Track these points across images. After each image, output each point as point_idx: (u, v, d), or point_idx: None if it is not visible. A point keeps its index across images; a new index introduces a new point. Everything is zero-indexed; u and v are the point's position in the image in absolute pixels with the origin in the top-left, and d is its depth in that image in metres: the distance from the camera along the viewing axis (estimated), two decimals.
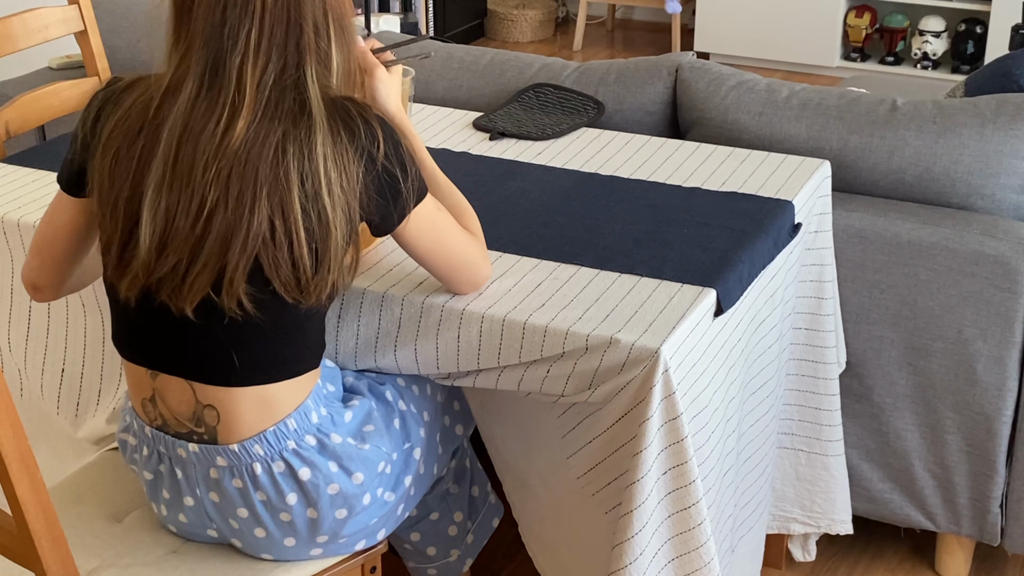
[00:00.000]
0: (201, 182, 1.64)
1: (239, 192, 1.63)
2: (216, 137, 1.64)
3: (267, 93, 1.64)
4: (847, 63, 5.81)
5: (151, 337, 1.78)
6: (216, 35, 1.64)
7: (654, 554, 1.84)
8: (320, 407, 1.81)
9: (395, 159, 1.69)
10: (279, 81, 1.65)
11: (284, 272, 1.66)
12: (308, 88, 1.65)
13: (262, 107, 1.64)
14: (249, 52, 1.63)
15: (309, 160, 1.63)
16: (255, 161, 1.62)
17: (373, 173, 1.67)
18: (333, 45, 1.68)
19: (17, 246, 2.24)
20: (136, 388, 1.83)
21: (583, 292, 1.92)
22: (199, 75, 1.66)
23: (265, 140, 1.63)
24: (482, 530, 2.27)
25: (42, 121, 2.72)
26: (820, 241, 2.32)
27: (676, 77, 2.67)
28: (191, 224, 1.65)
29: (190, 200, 1.65)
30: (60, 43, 3.20)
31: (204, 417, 1.78)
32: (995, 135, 2.39)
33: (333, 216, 1.64)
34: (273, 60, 1.64)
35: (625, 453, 1.82)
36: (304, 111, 1.64)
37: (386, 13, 5.64)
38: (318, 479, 1.79)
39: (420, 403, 2.00)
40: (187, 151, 1.65)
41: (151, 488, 1.89)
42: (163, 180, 1.66)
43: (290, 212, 1.63)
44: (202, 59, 1.65)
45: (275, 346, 1.75)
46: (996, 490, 2.45)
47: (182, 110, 1.66)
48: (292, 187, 1.63)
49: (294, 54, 1.65)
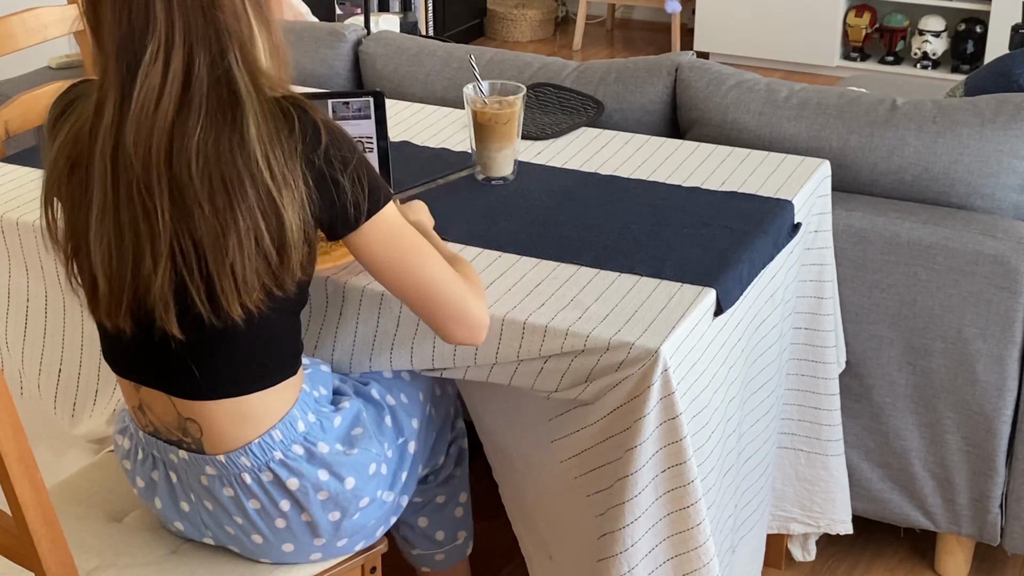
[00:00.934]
0: (145, 195, 1.58)
1: (210, 195, 1.57)
2: (149, 146, 1.57)
3: (200, 89, 1.57)
4: (847, 63, 5.81)
5: (128, 352, 1.77)
6: (125, 45, 1.56)
7: (649, 550, 1.84)
8: (308, 414, 1.80)
9: (332, 158, 1.62)
10: (210, 74, 1.57)
11: (262, 267, 1.61)
12: (236, 77, 1.58)
13: (199, 105, 1.57)
14: (160, 51, 1.55)
15: (246, 149, 1.57)
16: (212, 161, 1.57)
17: (313, 170, 1.61)
18: (254, 24, 1.61)
19: (15, 246, 2.24)
20: (127, 397, 1.84)
21: (583, 292, 1.92)
22: (117, 91, 1.58)
23: (212, 139, 1.57)
24: None
25: (41, 121, 2.70)
26: (820, 241, 2.32)
27: (676, 77, 2.67)
28: (151, 242, 1.60)
29: (139, 217, 1.60)
30: (60, 43, 3.20)
31: (188, 429, 1.77)
32: (995, 135, 2.39)
33: (282, 202, 1.58)
34: (196, 55, 1.56)
35: (615, 444, 1.82)
36: (237, 102, 1.58)
37: (386, 13, 5.64)
38: (307, 487, 1.79)
39: (411, 389, 1.99)
40: (122, 168, 1.59)
41: (144, 495, 1.89)
42: (104, 204, 1.61)
43: (249, 204, 1.57)
44: (118, 73, 1.58)
45: (239, 357, 1.71)
46: (996, 490, 2.45)
47: (108, 129, 1.59)
48: (243, 180, 1.57)
49: (216, 44, 1.57)
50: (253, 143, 1.57)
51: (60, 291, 2.25)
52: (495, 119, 2.18)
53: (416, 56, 2.90)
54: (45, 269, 2.24)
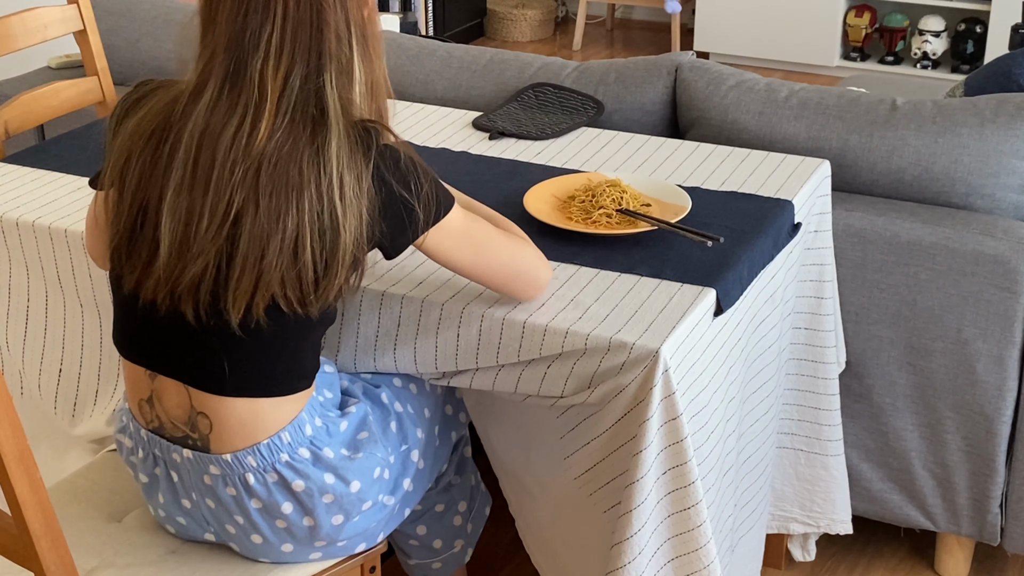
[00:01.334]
0: (225, 185, 1.64)
1: (270, 195, 1.63)
2: (239, 140, 1.64)
3: (291, 98, 1.65)
4: (847, 63, 5.81)
5: (152, 338, 1.77)
6: (237, 40, 1.65)
7: (653, 553, 1.84)
8: (315, 418, 1.81)
9: (405, 182, 1.68)
10: (302, 87, 1.65)
11: (289, 281, 1.65)
12: (327, 96, 1.65)
13: (286, 112, 1.65)
14: (270, 56, 1.64)
15: (324, 165, 1.63)
16: (282, 166, 1.63)
17: (383, 194, 1.67)
18: (355, 55, 1.68)
19: (15, 246, 2.24)
20: (134, 388, 1.83)
21: (583, 292, 1.91)
22: (221, 79, 1.66)
23: (286, 145, 1.63)
24: (478, 519, 2.27)
25: (41, 120, 2.72)
26: (820, 241, 2.32)
27: (676, 77, 2.67)
28: (216, 226, 1.65)
29: (214, 202, 1.65)
30: (59, 42, 3.20)
31: (198, 423, 1.78)
32: (995, 135, 2.39)
33: (344, 222, 1.64)
34: (295, 65, 1.65)
35: (624, 453, 1.82)
36: (323, 117, 1.65)
37: (385, 13, 5.64)
38: (312, 490, 1.79)
39: (418, 402, 2.00)
40: (207, 153, 1.65)
41: (147, 491, 1.89)
42: (182, 181, 1.66)
43: (304, 217, 1.63)
44: (224, 64, 1.66)
45: (268, 361, 1.74)
46: (996, 490, 2.44)
47: (203, 113, 1.66)
48: (307, 191, 1.63)
49: (315, 60, 1.65)
50: (332, 159, 1.63)
51: (60, 291, 2.25)
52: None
53: (416, 56, 2.90)
54: (45, 269, 2.24)
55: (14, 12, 2.70)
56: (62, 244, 2.19)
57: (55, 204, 2.25)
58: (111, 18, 3.20)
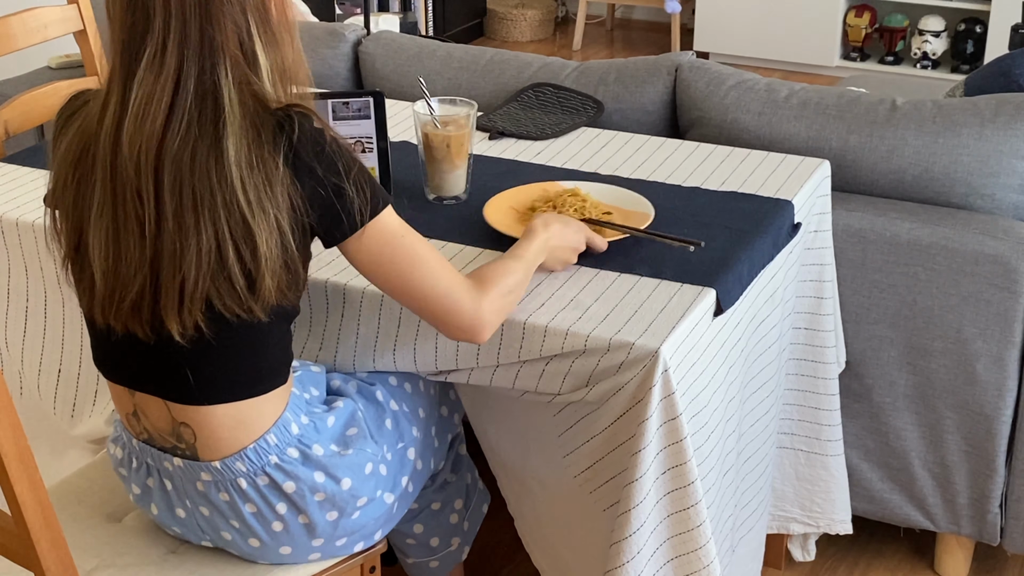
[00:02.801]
0: (136, 200, 1.61)
1: (176, 209, 1.59)
2: (139, 152, 1.59)
3: (186, 101, 1.59)
4: (847, 63, 5.81)
5: (122, 356, 1.77)
6: (127, 44, 1.60)
7: (652, 553, 1.84)
8: (300, 416, 1.80)
9: (331, 166, 1.62)
10: (198, 87, 1.59)
11: (223, 289, 1.62)
12: (223, 92, 1.59)
13: (183, 116, 1.59)
14: (155, 57, 1.58)
15: (225, 173, 1.58)
16: (185, 175, 1.58)
17: (307, 182, 1.61)
18: (258, 45, 1.62)
19: (15, 246, 2.24)
20: (119, 404, 1.83)
21: (583, 292, 1.91)
22: (119, 92, 1.61)
23: (188, 152, 1.58)
24: (475, 516, 2.27)
25: (41, 120, 2.72)
26: (820, 241, 2.32)
27: (676, 77, 2.67)
28: (139, 248, 1.62)
29: (130, 223, 1.62)
30: (59, 42, 3.19)
31: (182, 434, 1.77)
32: (995, 135, 2.39)
33: (256, 228, 1.58)
34: (185, 65, 1.58)
35: (623, 452, 1.82)
36: (220, 118, 1.59)
37: (385, 13, 5.64)
38: (303, 490, 1.79)
39: (413, 400, 2.00)
40: (120, 168, 1.61)
41: (140, 502, 1.89)
42: (103, 200, 1.63)
43: (219, 226, 1.59)
44: (120, 75, 1.61)
45: (231, 366, 1.72)
46: (996, 490, 2.44)
47: (110, 127, 1.62)
48: (216, 200, 1.58)
49: (208, 56, 1.58)
50: (231, 165, 1.58)
51: (60, 291, 2.25)
52: (448, 141, 2.12)
53: (416, 56, 2.90)
54: (45, 269, 2.24)
55: (14, 12, 2.70)
56: None
57: None
58: None
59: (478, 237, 2.05)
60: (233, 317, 1.65)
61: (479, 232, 2.07)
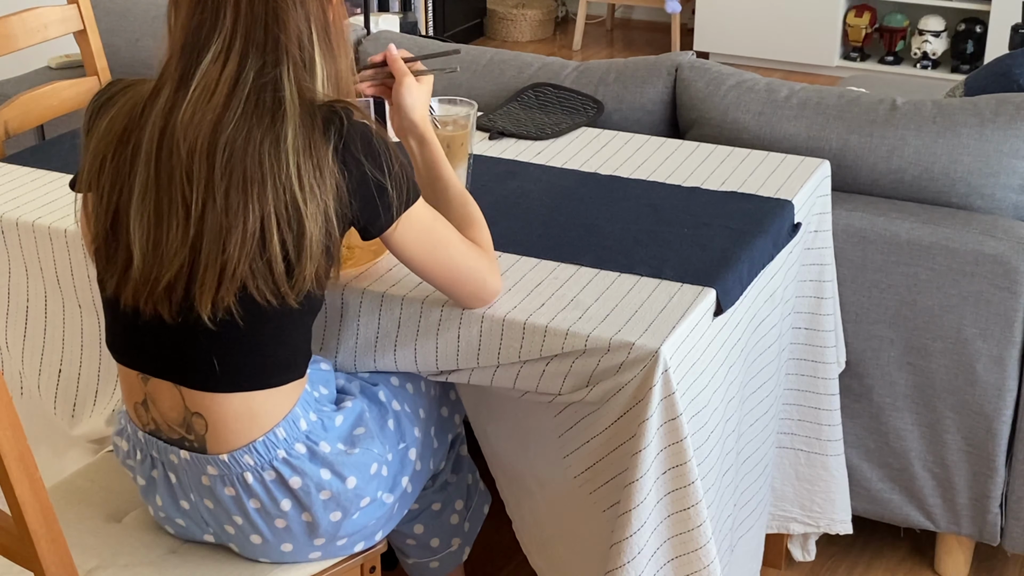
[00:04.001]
0: (184, 184, 1.65)
1: (226, 189, 1.63)
2: (193, 138, 1.65)
3: (243, 92, 1.65)
4: (847, 63, 5.81)
5: (140, 341, 1.77)
6: (191, 41, 1.67)
7: (652, 553, 1.84)
8: (309, 412, 1.81)
9: (376, 160, 1.68)
10: (256, 81, 1.66)
11: (259, 273, 1.66)
12: (284, 87, 1.66)
13: (239, 105, 1.65)
14: (220, 54, 1.66)
15: (279, 155, 1.63)
16: (237, 158, 1.63)
17: (353, 173, 1.67)
18: (317, 52, 1.69)
19: (15, 246, 2.24)
20: (129, 392, 1.84)
21: (583, 292, 1.92)
22: (176, 79, 1.68)
23: (243, 137, 1.64)
24: (476, 517, 2.27)
25: (41, 121, 2.72)
26: (820, 241, 2.32)
27: (675, 77, 2.67)
28: (182, 228, 1.66)
29: (176, 203, 1.66)
30: (59, 42, 3.20)
31: (193, 424, 1.78)
32: (995, 135, 2.39)
33: (305, 212, 1.64)
34: (247, 60, 1.66)
35: (623, 452, 1.82)
36: (279, 108, 1.65)
37: (385, 12, 5.64)
38: (309, 486, 1.79)
39: (415, 401, 2.00)
40: (166, 154, 1.66)
41: (145, 493, 1.89)
42: (146, 184, 1.68)
43: (267, 209, 1.63)
44: (179, 65, 1.68)
45: (257, 354, 1.74)
46: (996, 490, 2.45)
47: (160, 113, 1.68)
48: (266, 183, 1.63)
49: (272, 56, 1.66)
50: (288, 151, 1.64)
51: (60, 291, 2.25)
52: (448, 141, 2.12)
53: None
54: (45, 269, 2.24)
55: (14, 12, 2.70)
56: (62, 244, 2.19)
57: (55, 204, 2.25)
58: (111, 18, 3.20)
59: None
60: (264, 302, 1.68)
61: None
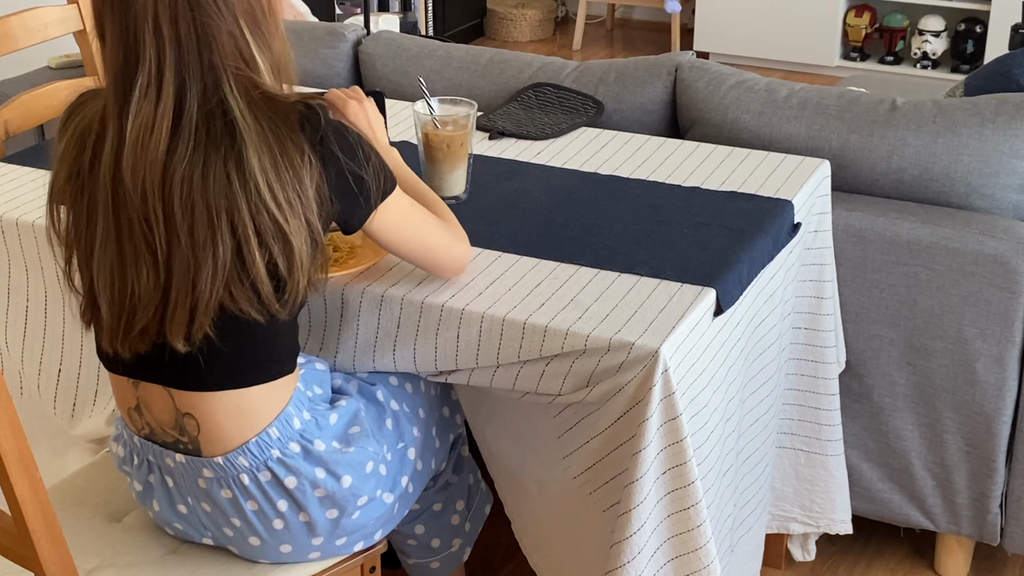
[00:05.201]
0: (144, 227, 1.61)
1: (190, 227, 1.59)
2: (143, 179, 1.59)
3: (192, 124, 1.58)
4: (847, 63, 5.81)
5: None
6: (121, 75, 1.59)
7: (652, 553, 1.84)
8: (303, 411, 1.81)
9: (352, 153, 1.66)
10: (202, 107, 1.59)
11: (242, 296, 1.64)
12: (233, 107, 1.59)
13: (191, 138, 1.58)
14: (150, 86, 1.57)
15: (245, 177, 1.58)
16: (198, 193, 1.58)
17: (332, 170, 1.65)
18: (254, 47, 1.62)
19: (15, 246, 2.24)
20: (121, 398, 1.83)
21: (583, 292, 1.91)
22: (116, 116, 1.60)
23: (199, 171, 1.58)
24: (477, 517, 2.27)
25: (41, 120, 2.72)
26: (820, 241, 2.32)
27: (675, 76, 2.67)
28: (152, 272, 1.63)
29: (141, 247, 1.62)
30: (60, 43, 3.20)
31: (185, 426, 1.77)
32: (995, 135, 2.39)
33: (288, 229, 1.60)
34: (188, 88, 1.58)
35: (623, 452, 1.82)
36: (234, 130, 1.58)
37: (385, 12, 5.64)
38: (304, 485, 1.79)
39: (414, 401, 2.00)
40: (120, 199, 1.61)
41: (141, 498, 1.89)
42: (107, 233, 1.64)
43: (243, 233, 1.59)
44: (114, 109, 1.60)
45: (245, 352, 1.73)
46: (996, 490, 2.45)
47: (109, 156, 1.62)
48: (240, 208, 1.59)
49: (210, 74, 1.58)
50: (254, 171, 1.59)
51: (60, 291, 2.25)
52: (448, 141, 2.13)
53: (416, 56, 2.90)
54: (45, 269, 2.24)
55: (14, 12, 2.70)
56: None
57: None
58: None
59: (477, 237, 2.05)
60: (250, 319, 1.67)
61: (478, 231, 2.07)
